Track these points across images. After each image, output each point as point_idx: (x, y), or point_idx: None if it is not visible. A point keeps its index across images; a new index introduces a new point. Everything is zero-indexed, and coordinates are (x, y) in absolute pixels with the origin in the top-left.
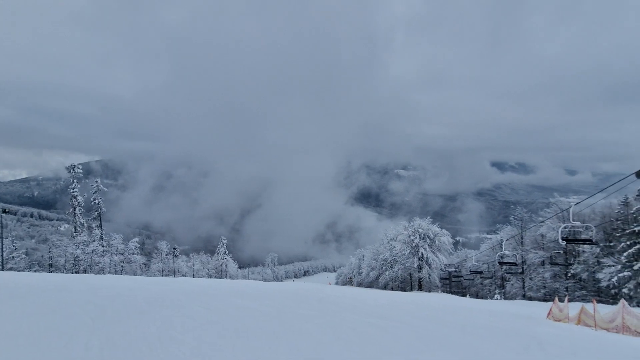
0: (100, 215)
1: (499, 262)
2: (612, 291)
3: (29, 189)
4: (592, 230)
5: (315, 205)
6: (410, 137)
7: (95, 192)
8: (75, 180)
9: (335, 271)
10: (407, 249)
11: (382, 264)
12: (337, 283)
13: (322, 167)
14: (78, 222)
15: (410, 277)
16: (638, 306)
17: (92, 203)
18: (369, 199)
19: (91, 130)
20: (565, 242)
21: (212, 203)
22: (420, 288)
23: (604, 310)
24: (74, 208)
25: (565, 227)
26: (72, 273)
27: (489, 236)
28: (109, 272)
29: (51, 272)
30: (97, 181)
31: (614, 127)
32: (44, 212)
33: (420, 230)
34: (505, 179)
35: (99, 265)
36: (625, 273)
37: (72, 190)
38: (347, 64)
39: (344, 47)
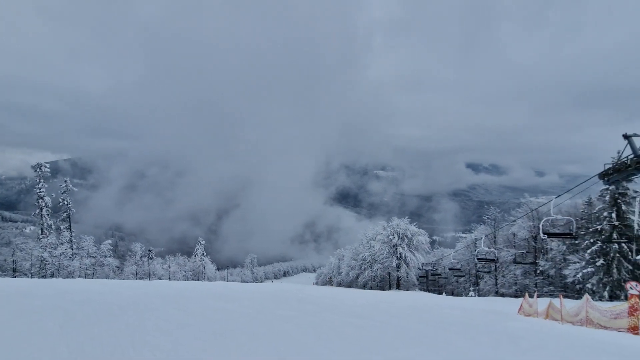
0: (69, 217)
1: (477, 259)
2: (577, 286)
3: None
4: (572, 224)
5: (294, 205)
6: (389, 139)
7: (64, 192)
8: (42, 180)
9: (315, 271)
10: (385, 248)
11: (362, 263)
12: (317, 283)
13: (301, 167)
14: (45, 224)
15: (389, 276)
16: (600, 300)
17: (61, 204)
18: (348, 199)
19: (58, 127)
20: (546, 236)
21: (187, 203)
22: (398, 287)
23: (569, 305)
24: (41, 209)
25: (546, 220)
26: (39, 277)
27: (464, 235)
28: (79, 276)
29: (15, 276)
30: (66, 181)
31: (579, 131)
32: (6, 214)
33: (398, 230)
34: (479, 179)
35: (68, 269)
36: (589, 269)
37: (38, 190)
38: (327, 65)
39: (323, 48)
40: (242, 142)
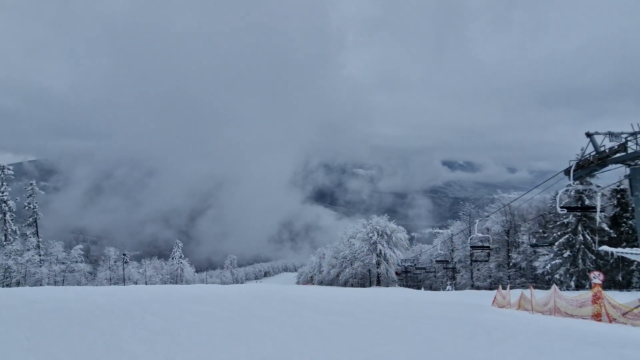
0: (36, 221)
1: (471, 247)
2: (547, 277)
3: None
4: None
5: (270, 205)
6: (367, 137)
7: (30, 195)
8: (5, 183)
9: (296, 271)
10: (365, 246)
11: (342, 261)
12: (298, 282)
13: (277, 166)
14: (9, 230)
15: (369, 273)
16: (567, 290)
17: (26, 207)
18: (326, 197)
19: (17, 126)
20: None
21: (157, 205)
22: (378, 283)
23: (539, 295)
24: (4, 214)
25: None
26: (3, 287)
27: (440, 231)
28: (48, 284)
29: None
30: (31, 183)
31: (546, 129)
32: None
33: (378, 227)
34: (455, 176)
35: (36, 277)
36: (557, 261)
37: (1, 194)
38: (302, 62)
39: (298, 45)
40: (215, 141)
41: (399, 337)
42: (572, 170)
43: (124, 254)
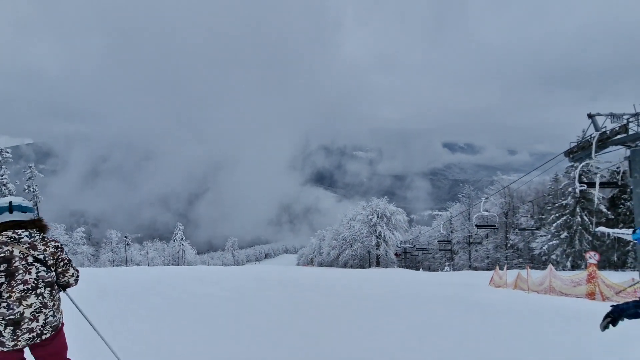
0: (37, 205)
1: (476, 225)
2: (543, 258)
3: None
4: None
5: (269, 187)
6: (367, 119)
7: (29, 178)
8: (3, 166)
9: (296, 252)
10: (365, 228)
11: (342, 243)
12: (298, 264)
13: (276, 148)
14: None
15: (369, 254)
16: (563, 270)
17: (26, 191)
18: (325, 180)
19: (12, 109)
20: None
21: (155, 188)
22: (377, 264)
23: (535, 275)
24: (4, 197)
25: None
26: None
27: (440, 213)
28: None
29: None
30: (30, 166)
31: (547, 110)
32: None
33: (377, 209)
34: (455, 159)
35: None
36: (554, 241)
37: (0, 177)
38: (299, 42)
39: (294, 24)
40: (212, 123)
41: (397, 314)
42: (594, 143)
43: (125, 237)
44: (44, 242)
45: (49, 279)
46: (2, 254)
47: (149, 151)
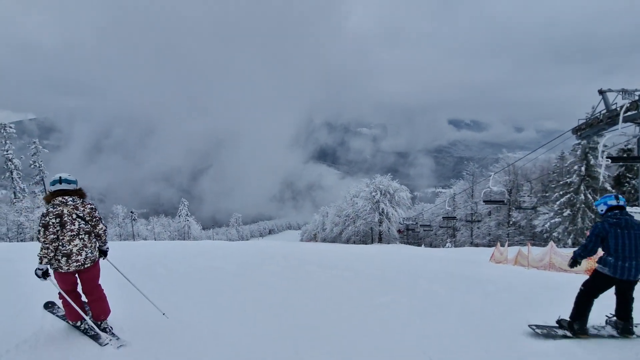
0: (43, 180)
1: (484, 201)
2: (545, 235)
3: None
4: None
5: (272, 163)
6: (371, 94)
7: (34, 154)
8: (8, 141)
9: (299, 229)
10: (368, 204)
11: (345, 219)
12: (301, 240)
13: (279, 124)
14: (18, 187)
15: (371, 231)
16: (564, 247)
17: (32, 166)
18: (329, 156)
19: (13, 82)
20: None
21: (157, 163)
22: (380, 241)
23: (536, 252)
24: (11, 172)
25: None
26: (18, 242)
27: (443, 190)
28: None
29: None
30: (34, 142)
31: (557, 86)
32: None
33: (381, 186)
34: (460, 136)
35: None
36: (556, 219)
37: (5, 153)
38: (304, 11)
39: None
40: (214, 97)
41: (398, 288)
42: (621, 114)
43: (131, 212)
44: (83, 205)
45: (87, 229)
46: (57, 212)
47: (151, 126)
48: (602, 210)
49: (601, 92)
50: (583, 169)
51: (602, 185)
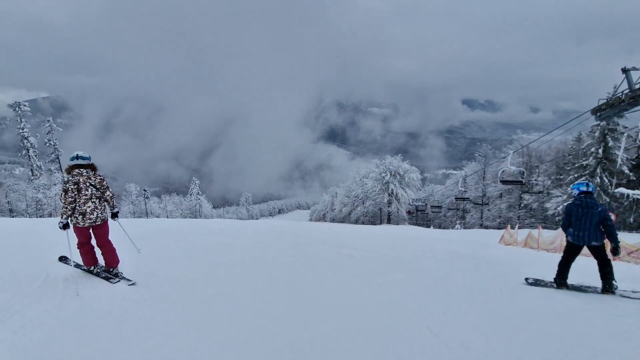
0: (58, 158)
1: (501, 181)
2: (557, 218)
3: None
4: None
5: (282, 143)
6: (383, 73)
7: (49, 132)
8: (23, 120)
9: (309, 209)
10: (378, 185)
11: (354, 200)
12: (310, 219)
13: (288, 103)
14: (34, 165)
15: (380, 211)
16: None
17: (47, 144)
18: (338, 137)
19: (24, 61)
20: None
21: (167, 142)
22: (389, 221)
23: (546, 235)
24: (27, 150)
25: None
26: (37, 218)
27: (454, 172)
28: None
29: (13, 217)
30: (49, 120)
31: (577, 64)
32: None
33: (391, 167)
34: (474, 116)
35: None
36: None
37: (21, 131)
38: None
39: None
40: (223, 76)
41: (406, 268)
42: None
43: (144, 190)
44: (95, 176)
45: (98, 195)
46: (75, 180)
47: (160, 105)
48: (575, 194)
49: (625, 70)
50: (600, 151)
51: (619, 168)
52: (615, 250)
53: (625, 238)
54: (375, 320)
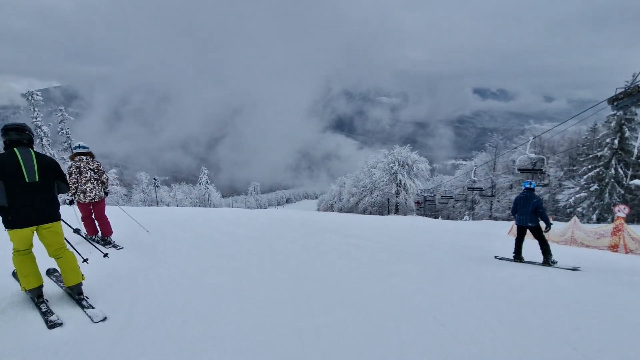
0: (70, 147)
1: (519, 169)
2: (568, 210)
3: None
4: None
5: (290, 132)
6: (393, 61)
7: (61, 121)
8: (36, 109)
9: (316, 198)
10: (386, 175)
11: (362, 190)
12: (318, 209)
13: (297, 92)
14: (47, 154)
15: (388, 202)
16: (588, 223)
17: (60, 133)
18: (346, 126)
19: (35, 50)
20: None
21: (174, 131)
22: (396, 212)
23: (557, 226)
24: (41, 139)
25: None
26: None
27: (464, 162)
28: None
29: None
30: (61, 109)
31: (594, 52)
32: None
33: (399, 157)
34: (485, 105)
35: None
36: (582, 194)
37: (34, 120)
38: None
39: None
40: (230, 65)
41: (411, 258)
42: None
43: (154, 179)
44: (92, 161)
45: (95, 177)
46: (77, 165)
47: (168, 93)
48: (523, 188)
49: None
50: (616, 141)
51: (635, 159)
52: (547, 229)
53: (638, 231)
54: (381, 310)
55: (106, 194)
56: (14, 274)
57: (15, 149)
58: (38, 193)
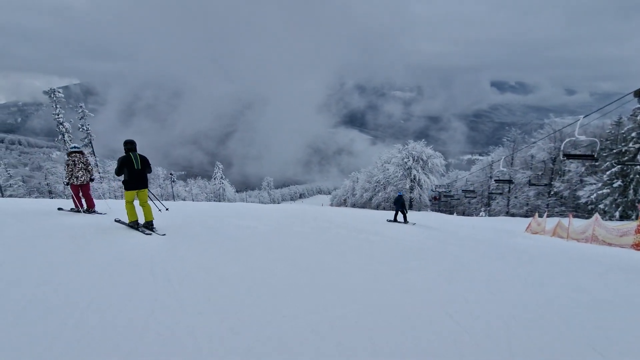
0: (91, 142)
1: (564, 155)
2: (589, 207)
3: (10, 115)
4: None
5: (302, 127)
6: (407, 54)
7: (82, 117)
8: (58, 106)
9: (329, 193)
10: (400, 171)
11: (375, 185)
12: (331, 204)
13: (309, 87)
14: (68, 150)
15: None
16: (610, 220)
17: (80, 129)
18: (358, 121)
19: (52, 48)
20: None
21: (186, 127)
22: (410, 207)
23: (578, 224)
24: (63, 135)
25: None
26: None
27: (480, 157)
28: (109, 198)
29: (52, 198)
30: (81, 106)
31: (620, 42)
32: (31, 140)
33: (414, 152)
34: (503, 99)
35: (98, 192)
36: (605, 190)
37: (56, 117)
38: None
39: None
40: (242, 60)
41: (426, 254)
42: None
43: (171, 174)
44: (83, 156)
45: (85, 167)
46: (72, 159)
47: (179, 89)
48: (397, 194)
49: None
50: None
51: None
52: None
53: None
54: (395, 305)
55: (91, 180)
56: (116, 220)
57: (130, 153)
58: (139, 174)
